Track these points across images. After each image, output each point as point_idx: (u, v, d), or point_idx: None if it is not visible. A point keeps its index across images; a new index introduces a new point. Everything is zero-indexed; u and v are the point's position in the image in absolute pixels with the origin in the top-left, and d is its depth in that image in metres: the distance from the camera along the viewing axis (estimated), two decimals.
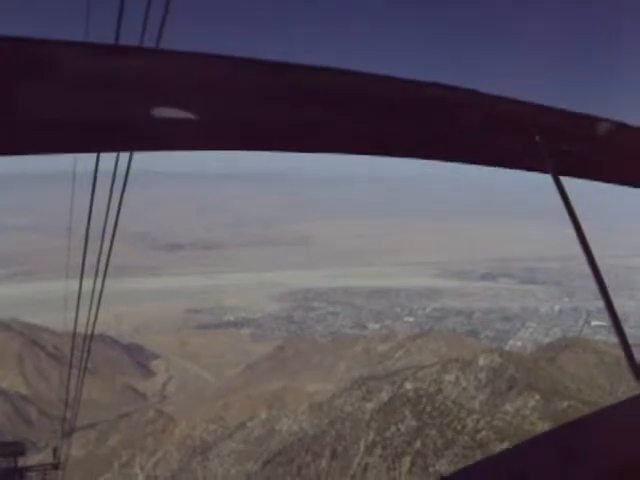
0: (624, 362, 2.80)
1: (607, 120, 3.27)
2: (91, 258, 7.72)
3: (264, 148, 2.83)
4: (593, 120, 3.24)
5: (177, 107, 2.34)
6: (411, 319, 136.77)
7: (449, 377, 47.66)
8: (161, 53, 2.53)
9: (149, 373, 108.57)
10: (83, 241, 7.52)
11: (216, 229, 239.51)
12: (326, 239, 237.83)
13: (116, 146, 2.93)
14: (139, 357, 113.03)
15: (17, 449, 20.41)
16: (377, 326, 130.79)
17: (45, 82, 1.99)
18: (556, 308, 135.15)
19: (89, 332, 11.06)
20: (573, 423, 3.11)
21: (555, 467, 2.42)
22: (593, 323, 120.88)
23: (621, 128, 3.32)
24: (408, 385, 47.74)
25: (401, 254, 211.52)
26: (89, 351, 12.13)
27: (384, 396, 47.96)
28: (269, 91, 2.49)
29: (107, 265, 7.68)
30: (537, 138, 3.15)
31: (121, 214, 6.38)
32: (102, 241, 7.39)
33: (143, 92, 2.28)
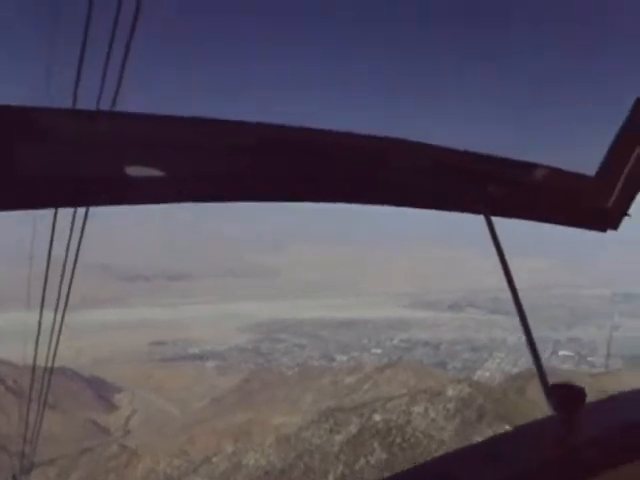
0: (591, 391, 2.90)
1: (540, 165, 3.62)
2: (54, 289, 7.50)
3: (217, 200, 3.02)
4: (527, 166, 3.59)
5: (141, 164, 2.54)
6: (379, 350, 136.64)
7: (418, 408, 47.35)
8: (126, 115, 2.78)
9: (112, 407, 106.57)
10: (44, 272, 7.29)
11: (183, 260, 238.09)
12: (292, 270, 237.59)
13: (90, 201, 3.06)
14: (101, 390, 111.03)
15: None
16: (344, 358, 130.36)
17: (25, 144, 2.24)
18: (523, 338, 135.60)
19: (49, 365, 10.76)
20: (499, 435, 3.46)
21: (482, 470, 2.64)
22: (560, 353, 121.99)
23: (554, 173, 3.62)
24: (377, 417, 47.33)
25: (364, 284, 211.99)
26: (49, 384, 11.79)
27: (352, 428, 47.49)
28: (220, 147, 2.74)
29: (68, 296, 7.45)
30: (472, 183, 3.47)
31: (84, 244, 6.18)
32: (63, 271, 7.16)
33: (114, 152, 2.49)
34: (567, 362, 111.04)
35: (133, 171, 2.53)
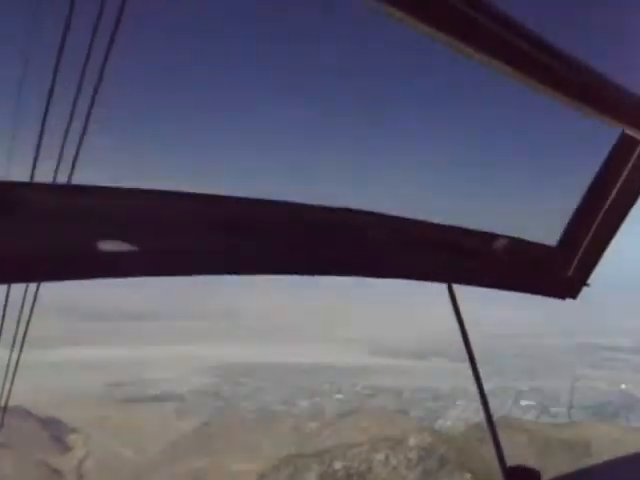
0: (553, 441, 2.93)
1: (502, 235, 3.71)
2: (11, 328, 7.35)
3: (189, 274, 3.05)
4: (489, 236, 3.67)
5: (120, 238, 2.53)
6: (341, 396, 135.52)
7: (379, 456, 46.97)
8: (105, 190, 2.74)
9: (65, 448, 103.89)
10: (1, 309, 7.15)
11: (141, 300, 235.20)
12: (256, 313, 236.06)
13: (75, 275, 2.95)
14: (55, 431, 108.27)
15: None
16: (306, 403, 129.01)
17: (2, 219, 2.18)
18: (485, 387, 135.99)
19: (3, 404, 10.50)
20: None
21: None
22: (522, 403, 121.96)
23: (516, 242, 3.73)
24: (337, 464, 46.84)
25: (328, 330, 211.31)
26: (2, 424, 11.52)
27: (312, 475, 46.92)
28: (199, 221, 2.78)
29: (25, 335, 7.33)
30: (434, 253, 3.56)
31: (43, 283, 6.08)
32: (21, 309, 7.04)
33: (93, 225, 2.48)
34: (529, 412, 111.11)
35: (98, 245, 2.48)
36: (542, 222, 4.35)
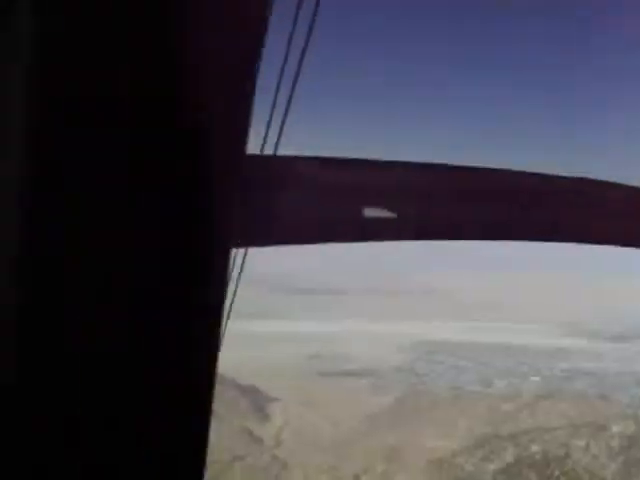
0: None
1: None
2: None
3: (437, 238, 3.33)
4: None
5: (379, 207, 2.75)
6: (538, 378, 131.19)
7: (579, 442, 44.92)
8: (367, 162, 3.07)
9: (265, 417, 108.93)
10: None
11: (342, 275, 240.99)
12: (450, 291, 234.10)
13: (338, 238, 3.41)
14: (256, 400, 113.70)
15: None
16: (502, 384, 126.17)
17: (287, 190, 2.43)
18: None
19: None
20: None
21: None
22: None
23: None
24: (534, 447, 45.43)
25: (521, 310, 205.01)
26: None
27: (508, 457, 45.87)
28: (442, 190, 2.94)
29: (231, 306, 7.59)
30: None
31: (247, 255, 6.26)
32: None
33: (355, 195, 2.68)
34: None
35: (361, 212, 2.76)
36: None
